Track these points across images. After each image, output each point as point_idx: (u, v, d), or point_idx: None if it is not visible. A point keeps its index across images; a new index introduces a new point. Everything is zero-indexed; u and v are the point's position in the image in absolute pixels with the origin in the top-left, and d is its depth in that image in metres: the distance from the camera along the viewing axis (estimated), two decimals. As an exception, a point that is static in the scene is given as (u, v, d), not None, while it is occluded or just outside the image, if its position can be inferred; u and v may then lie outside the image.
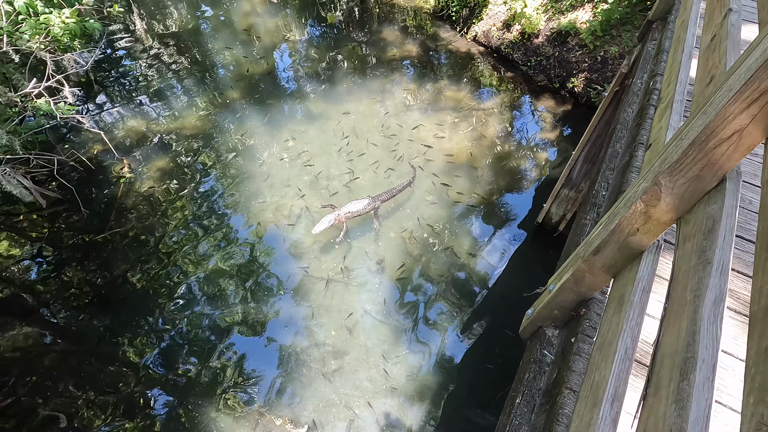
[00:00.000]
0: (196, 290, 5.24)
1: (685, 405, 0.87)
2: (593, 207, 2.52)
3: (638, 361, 1.65)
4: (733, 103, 1.04)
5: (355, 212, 5.58)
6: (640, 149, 2.46)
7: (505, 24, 9.22)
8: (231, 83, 8.18)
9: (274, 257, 5.57)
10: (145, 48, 9.02)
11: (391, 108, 7.75)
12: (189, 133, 7.12)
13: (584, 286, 1.73)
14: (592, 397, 1.28)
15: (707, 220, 1.15)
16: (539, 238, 6.05)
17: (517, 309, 2.79)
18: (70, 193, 5.86)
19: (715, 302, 0.98)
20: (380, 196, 5.83)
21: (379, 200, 5.78)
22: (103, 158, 6.60)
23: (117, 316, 4.99)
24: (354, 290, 5.27)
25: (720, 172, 1.16)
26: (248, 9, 10.44)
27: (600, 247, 1.53)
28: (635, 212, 1.36)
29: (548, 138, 7.53)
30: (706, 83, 1.78)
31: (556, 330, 1.97)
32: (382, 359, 4.74)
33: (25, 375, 4.54)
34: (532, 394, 1.81)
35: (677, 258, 1.23)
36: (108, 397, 4.43)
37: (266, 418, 4.32)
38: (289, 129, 7.24)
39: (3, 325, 4.86)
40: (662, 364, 1.03)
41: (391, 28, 10.05)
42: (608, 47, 7.83)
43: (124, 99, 7.81)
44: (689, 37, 2.63)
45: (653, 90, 2.88)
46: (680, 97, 2.25)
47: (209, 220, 5.94)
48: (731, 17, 1.93)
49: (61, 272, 5.34)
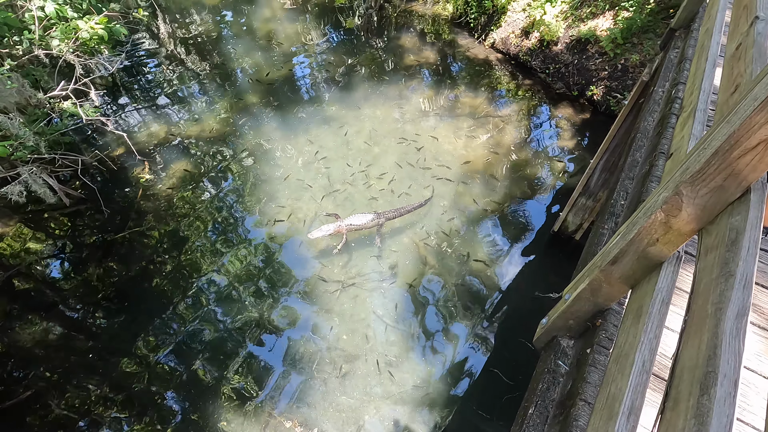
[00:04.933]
0: (210, 291, 5.31)
1: (705, 420, 0.85)
2: (611, 216, 2.48)
3: (656, 375, 1.61)
4: (759, 113, 1.01)
5: (357, 226, 5.50)
6: (660, 158, 2.41)
7: (524, 31, 9.19)
8: (250, 88, 8.32)
9: (288, 260, 5.61)
10: (168, 53, 9.25)
11: (408, 114, 7.77)
12: (208, 136, 7.25)
13: (601, 297, 1.70)
14: (608, 410, 1.25)
15: (730, 231, 1.12)
16: (555, 246, 5.98)
17: (531, 318, 2.75)
18: (93, 193, 6.02)
19: (737, 316, 0.96)
20: (386, 213, 5.69)
21: (384, 217, 5.64)
22: (125, 160, 6.76)
23: (133, 314, 5.09)
24: (366, 295, 5.27)
25: (744, 182, 1.13)
26: (268, 15, 10.63)
27: (618, 257, 1.50)
28: (655, 222, 1.34)
29: (566, 146, 7.45)
30: (731, 92, 1.75)
31: (571, 340, 1.94)
32: (393, 365, 4.72)
33: (44, 369, 4.65)
34: (545, 405, 1.78)
35: (698, 270, 1.21)
36: (123, 394, 4.51)
37: (276, 420, 4.34)
38: (306, 133, 7.31)
39: (25, 319, 5.01)
40: (681, 377, 1.01)
41: (409, 35, 10.10)
42: (629, 55, 7.72)
43: (147, 102, 8.01)
44: (713, 45, 2.59)
45: (675, 99, 2.84)
46: (703, 105, 2.20)
47: (225, 222, 6.02)
48: (758, 25, 1.89)
49: (81, 269, 5.48)
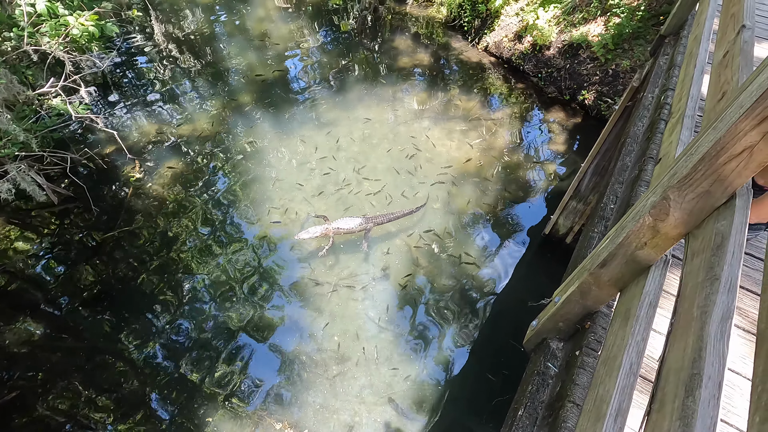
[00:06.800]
0: (200, 291, 5.26)
1: (689, 422, 0.87)
2: (601, 220, 2.51)
3: (643, 377, 1.63)
4: (744, 120, 1.04)
5: (345, 229, 5.49)
6: (649, 163, 2.45)
7: (517, 35, 9.26)
8: (243, 87, 8.28)
9: (279, 261, 5.59)
10: (160, 51, 9.17)
11: (402, 116, 7.79)
12: (200, 135, 7.20)
13: (590, 299, 1.72)
14: (596, 411, 1.26)
15: (716, 236, 1.14)
16: (546, 249, 6.02)
17: (521, 320, 2.77)
18: (82, 192, 5.94)
19: (722, 319, 0.97)
20: (376, 218, 5.67)
21: (372, 222, 5.62)
22: (115, 158, 6.69)
23: (122, 315, 5.03)
24: (358, 296, 5.27)
25: (730, 188, 1.15)
26: (263, 15, 10.59)
27: (607, 260, 1.52)
28: (643, 226, 1.36)
29: (557, 149, 7.51)
30: (718, 99, 1.78)
31: (560, 342, 1.96)
32: (384, 366, 4.72)
33: (30, 370, 4.57)
34: (534, 407, 1.79)
35: (685, 273, 1.22)
36: (109, 395, 4.45)
37: (266, 422, 4.31)
38: (299, 134, 7.29)
39: (10, 318, 4.92)
40: (667, 379, 1.02)
41: (403, 37, 10.13)
42: (620, 61, 7.82)
43: (138, 100, 7.93)
44: (702, 52, 2.63)
45: (664, 104, 2.88)
46: (691, 112, 2.24)
47: (216, 222, 5.98)
48: (744, 34, 1.93)
49: (68, 269, 5.40)
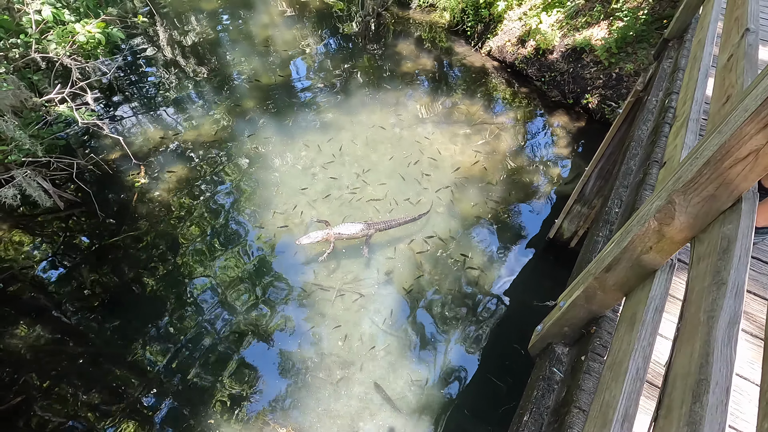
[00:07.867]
0: (204, 296, 5.27)
1: (697, 428, 0.86)
2: (606, 224, 2.50)
3: (649, 382, 1.62)
4: (750, 123, 1.03)
5: (346, 235, 5.49)
6: (654, 167, 2.44)
7: (520, 39, 9.27)
8: (247, 93, 8.33)
9: (283, 265, 5.59)
10: (165, 57, 9.25)
11: (405, 120, 7.81)
12: (205, 141, 7.25)
13: (595, 304, 1.71)
14: (602, 417, 1.25)
15: (722, 240, 1.13)
16: (550, 253, 6.00)
17: (526, 324, 2.76)
18: (88, 197, 5.98)
19: (729, 324, 0.96)
20: (377, 224, 5.67)
21: (374, 228, 5.62)
22: (121, 163, 6.73)
23: (126, 319, 5.04)
24: (362, 301, 5.26)
25: (736, 192, 1.15)
26: (266, 21, 10.67)
27: (612, 264, 1.51)
28: (648, 230, 1.35)
29: (561, 153, 7.50)
30: (722, 102, 1.77)
31: (565, 347, 1.94)
32: (388, 371, 4.70)
33: (35, 374, 4.59)
34: (540, 412, 1.78)
35: (691, 278, 1.22)
36: (113, 399, 4.46)
37: (270, 427, 4.30)
38: (303, 139, 7.32)
39: (16, 323, 4.95)
40: (674, 385, 1.01)
41: (406, 42, 10.17)
42: (623, 64, 7.81)
43: (143, 106, 8.00)
44: (706, 56, 2.62)
45: (668, 108, 2.87)
46: (696, 115, 2.23)
47: (221, 227, 6.00)
48: (749, 37, 1.92)
49: (74, 273, 5.43)
